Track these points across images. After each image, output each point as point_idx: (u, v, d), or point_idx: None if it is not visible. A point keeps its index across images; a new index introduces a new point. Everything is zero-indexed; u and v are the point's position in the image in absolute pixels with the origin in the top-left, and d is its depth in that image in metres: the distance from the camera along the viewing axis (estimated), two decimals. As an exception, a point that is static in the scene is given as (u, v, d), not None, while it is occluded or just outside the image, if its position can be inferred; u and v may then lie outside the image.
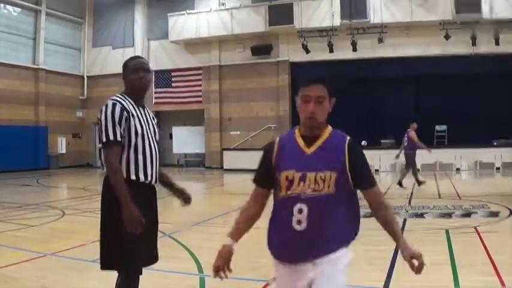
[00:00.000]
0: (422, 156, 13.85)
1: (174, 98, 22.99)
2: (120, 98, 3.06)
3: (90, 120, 23.73)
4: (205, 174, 20.15)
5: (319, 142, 2.19)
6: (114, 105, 2.97)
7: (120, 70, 3.20)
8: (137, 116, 3.06)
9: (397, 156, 13.00)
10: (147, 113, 3.19)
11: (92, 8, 25.03)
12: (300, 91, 2.22)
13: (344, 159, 2.13)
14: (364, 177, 2.19)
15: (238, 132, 21.77)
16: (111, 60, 23.47)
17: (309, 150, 2.18)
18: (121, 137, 2.95)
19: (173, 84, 23.13)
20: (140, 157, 3.03)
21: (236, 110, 22.00)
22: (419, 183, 12.51)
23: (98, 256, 3.05)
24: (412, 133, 12.47)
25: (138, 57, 3.30)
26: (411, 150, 12.49)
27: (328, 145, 2.18)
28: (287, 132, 2.34)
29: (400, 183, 12.48)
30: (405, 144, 12.62)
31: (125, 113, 2.98)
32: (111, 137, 2.91)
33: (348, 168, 2.13)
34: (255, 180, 2.35)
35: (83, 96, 24.95)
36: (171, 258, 4.78)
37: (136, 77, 3.09)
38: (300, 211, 2.11)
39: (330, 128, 2.24)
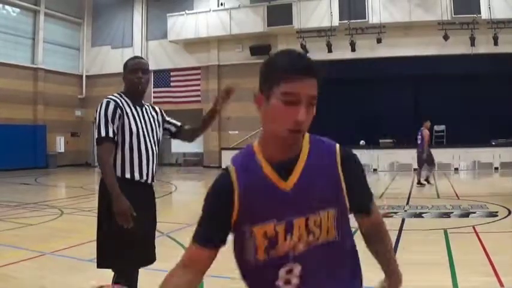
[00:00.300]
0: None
1: (172, 98, 22.97)
2: (116, 96, 3.11)
3: (88, 119, 23.69)
4: (203, 174, 20.13)
5: (298, 167, 1.39)
6: (107, 103, 3.03)
7: (119, 70, 3.24)
8: (132, 114, 3.08)
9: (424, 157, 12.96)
10: (145, 113, 3.20)
11: (91, 8, 25.01)
12: (276, 85, 1.33)
13: (339, 181, 1.41)
14: (363, 198, 1.52)
15: (237, 132, 21.76)
16: (110, 60, 23.47)
17: (287, 185, 1.38)
18: (114, 134, 2.98)
19: (172, 84, 23.13)
20: (135, 156, 3.05)
21: (235, 110, 21.83)
22: (420, 183, 12.54)
23: (95, 255, 3.06)
24: (425, 132, 12.49)
25: (138, 57, 3.33)
26: (423, 148, 12.53)
27: (313, 167, 1.40)
28: (240, 155, 1.47)
29: (427, 181, 12.63)
30: (419, 142, 12.63)
31: (118, 111, 3.01)
32: (103, 133, 2.96)
33: (345, 190, 1.42)
34: (199, 239, 1.44)
35: (82, 95, 24.94)
36: (170, 258, 4.76)
37: (134, 77, 3.12)
38: (290, 271, 1.38)
39: (306, 136, 1.45)
